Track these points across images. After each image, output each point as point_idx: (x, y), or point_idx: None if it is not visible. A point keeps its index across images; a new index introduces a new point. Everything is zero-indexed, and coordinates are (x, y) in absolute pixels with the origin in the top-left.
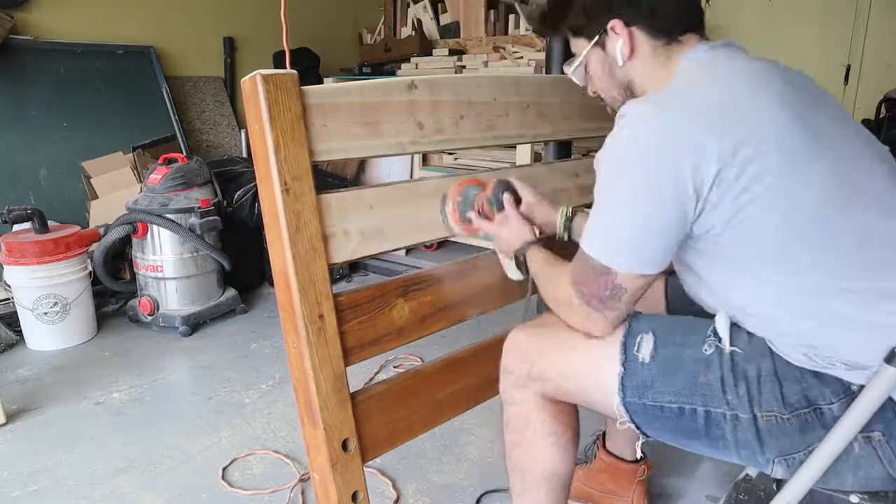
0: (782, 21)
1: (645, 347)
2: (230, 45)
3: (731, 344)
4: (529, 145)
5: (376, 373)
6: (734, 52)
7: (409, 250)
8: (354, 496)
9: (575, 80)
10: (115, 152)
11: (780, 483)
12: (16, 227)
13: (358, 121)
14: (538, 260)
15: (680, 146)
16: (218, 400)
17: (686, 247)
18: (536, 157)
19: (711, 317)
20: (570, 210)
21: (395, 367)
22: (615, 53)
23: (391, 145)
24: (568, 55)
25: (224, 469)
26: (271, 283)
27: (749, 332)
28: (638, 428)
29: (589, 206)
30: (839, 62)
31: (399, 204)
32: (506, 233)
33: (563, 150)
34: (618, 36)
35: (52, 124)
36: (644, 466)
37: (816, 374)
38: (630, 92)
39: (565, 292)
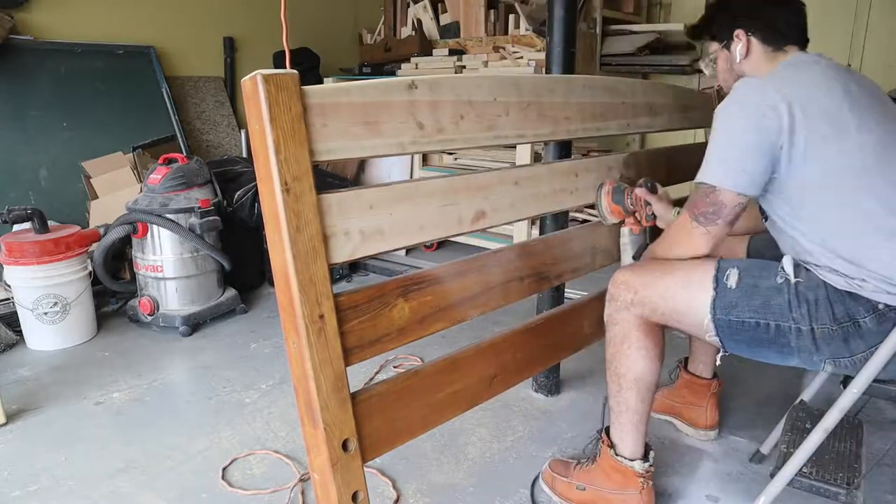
0: None
1: (732, 278)
2: (230, 45)
3: (795, 277)
4: (529, 145)
5: (376, 373)
6: (820, 58)
7: (409, 250)
8: (355, 496)
9: (705, 71)
10: (115, 152)
11: (846, 380)
12: (16, 227)
13: (358, 121)
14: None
15: (765, 104)
16: (218, 400)
17: (770, 193)
18: (536, 157)
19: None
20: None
21: (395, 367)
22: (735, 54)
23: (391, 145)
24: (569, 58)
25: (224, 469)
26: (271, 283)
27: (807, 269)
28: (721, 342)
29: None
30: (839, 62)
31: (399, 204)
32: (661, 208)
33: (563, 150)
34: (739, 41)
35: (52, 124)
36: (716, 382)
37: (853, 297)
38: None
39: (683, 220)
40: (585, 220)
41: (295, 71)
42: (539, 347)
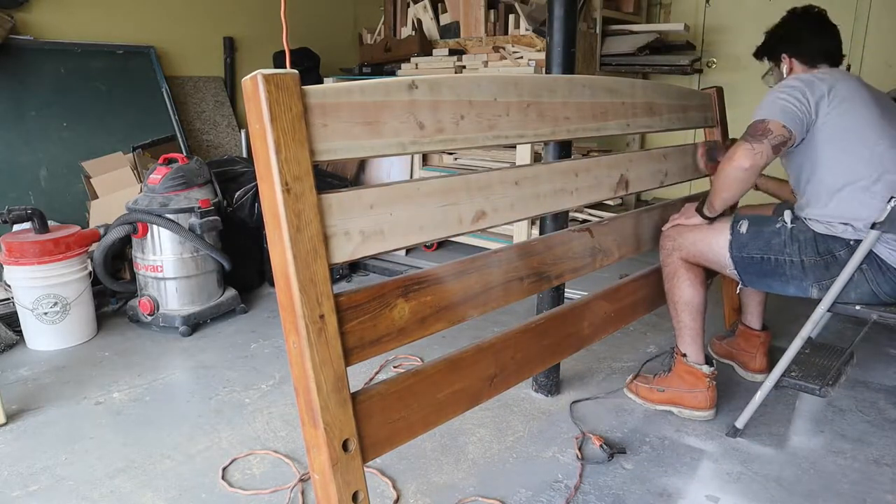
0: None
1: (744, 226)
2: (230, 45)
3: (791, 223)
4: (529, 145)
5: (376, 373)
6: (846, 72)
7: (409, 250)
8: (355, 496)
9: (767, 84)
10: (115, 152)
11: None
12: (16, 227)
13: (359, 120)
14: None
15: (807, 86)
16: (218, 400)
17: (800, 146)
18: (537, 157)
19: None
20: None
21: (395, 367)
22: (783, 71)
23: (392, 145)
24: (569, 58)
25: (224, 469)
26: (271, 283)
27: (799, 219)
28: (738, 275)
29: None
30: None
31: (400, 204)
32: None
33: (563, 150)
34: (784, 62)
35: (52, 124)
36: (765, 333)
37: (832, 238)
38: None
39: (738, 143)
40: (585, 220)
41: (295, 71)
42: (539, 347)
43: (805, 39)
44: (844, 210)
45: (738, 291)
